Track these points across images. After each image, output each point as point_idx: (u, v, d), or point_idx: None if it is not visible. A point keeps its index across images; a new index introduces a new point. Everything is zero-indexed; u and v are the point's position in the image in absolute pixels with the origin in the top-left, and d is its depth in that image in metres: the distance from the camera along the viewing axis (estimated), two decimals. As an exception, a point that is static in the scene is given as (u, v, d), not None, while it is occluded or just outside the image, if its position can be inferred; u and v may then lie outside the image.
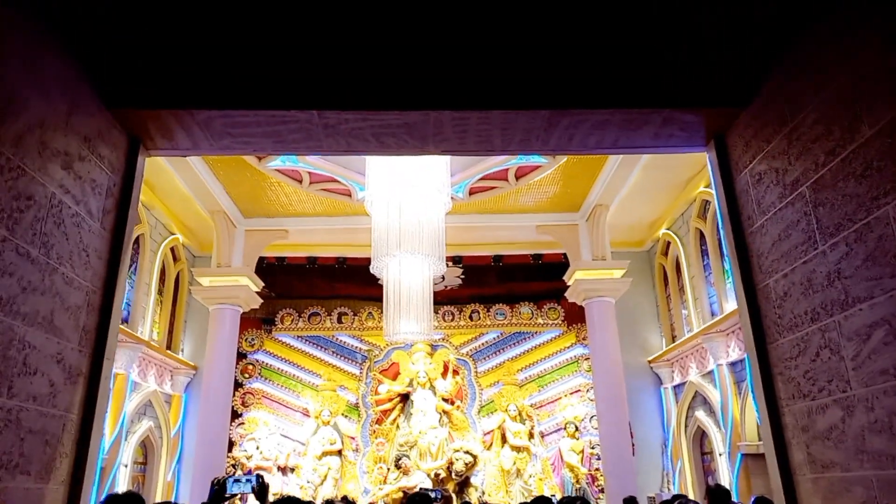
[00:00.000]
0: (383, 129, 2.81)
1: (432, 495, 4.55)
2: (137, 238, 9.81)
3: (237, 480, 3.10)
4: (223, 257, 10.12)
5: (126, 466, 9.08)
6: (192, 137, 2.77)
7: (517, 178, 9.22)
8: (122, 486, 9.01)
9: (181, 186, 9.28)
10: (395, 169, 7.12)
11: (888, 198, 1.98)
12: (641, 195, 10.21)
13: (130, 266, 9.68)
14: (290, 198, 9.85)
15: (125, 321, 9.42)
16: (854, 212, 2.13)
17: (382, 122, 2.75)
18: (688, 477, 10.60)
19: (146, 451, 10.19)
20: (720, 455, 9.46)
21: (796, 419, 2.48)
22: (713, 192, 3.07)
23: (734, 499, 8.54)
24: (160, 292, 10.78)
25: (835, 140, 2.24)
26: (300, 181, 9.10)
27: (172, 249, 11.12)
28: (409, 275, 7.32)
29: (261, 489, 3.12)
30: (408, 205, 7.00)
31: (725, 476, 9.28)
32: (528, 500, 5.88)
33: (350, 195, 9.38)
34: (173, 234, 10.93)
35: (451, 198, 9.43)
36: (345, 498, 7.66)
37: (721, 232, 2.99)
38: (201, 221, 10.58)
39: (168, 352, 10.63)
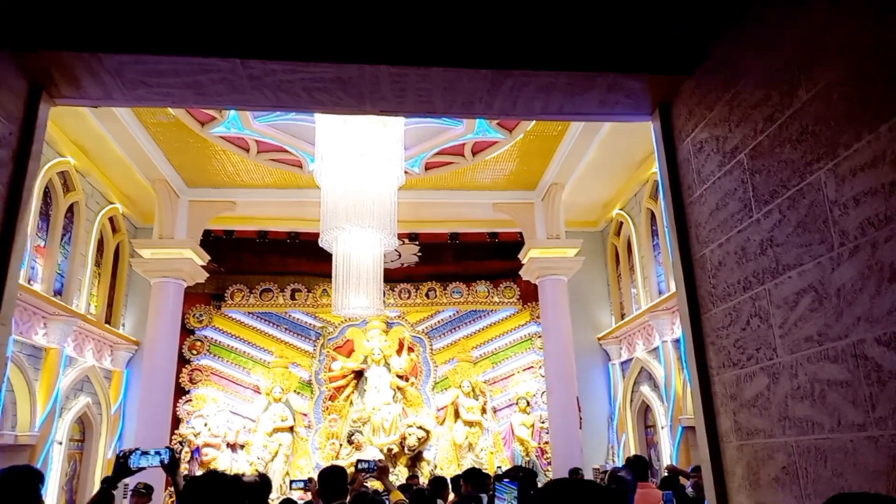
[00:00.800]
0: (315, 83, 2.65)
1: (367, 465, 4.47)
2: (71, 206, 9.33)
3: (145, 453, 2.94)
4: (165, 229, 9.74)
5: (60, 444, 8.74)
6: (103, 86, 2.56)
7: (474, 153, 9.11)
8: (55, 464, 8.69)
9: (118, 152, 8.84)
10: (345, 138, 6.92)
11: (821, 163, 1.95)
12: (596, 175, 10.25)
13: (64, 235, 9.22)
14: (237, 168, 9.53)
15: (58, 293, 8.99)
16: (788, 178, 2.11)
17: (314, 75, 2.59)
18: (632, 449, 10.86)
19: (83, 427, 9.83)
20: (662, 428, 9.70)
21: (725, 388, 2.48)
22: (657, 163, 3.03)
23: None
24: (98, 264, 10.32)
25: (773, 105, 2.20)
26: (247, 150, 8.79)
27: (111, 219, 10.64)
28: (360, 249, 7.15)
29: (171, 463, 2.96)
30: (358, 176, 6.82)
31: (666, 448, 9.53)
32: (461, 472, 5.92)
33: (301, 166, 9.12)
34: (112, 203, 10.45)
35: (406, 172, 9.28)
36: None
37: (662, 203, 2.96)
38: (142, 191, 10.15)
39: (107, 326, 10.22)
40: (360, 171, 6.87)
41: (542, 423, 11.79)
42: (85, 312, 9.48)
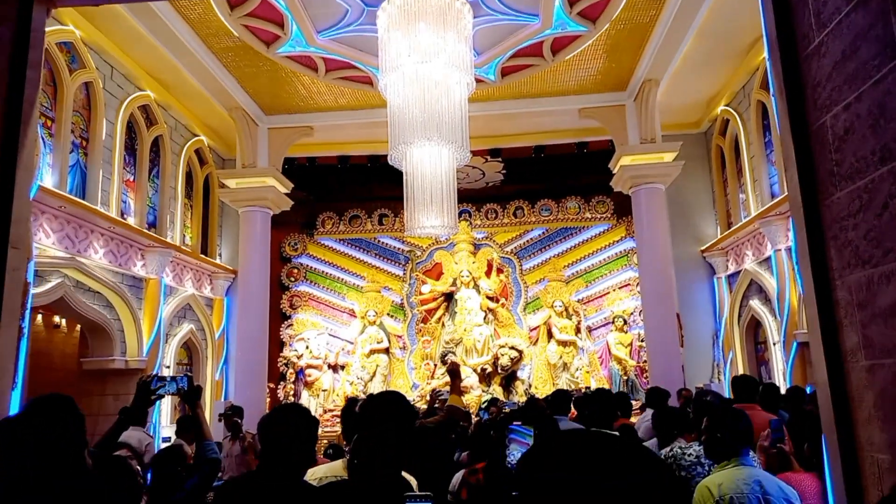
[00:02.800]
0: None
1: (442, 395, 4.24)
2: (156, 140, 9.54)
3: (161, 379, 2.79)
4: (247, 157, 9.79)
5: (168, 367, 9.32)
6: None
7: (554, 52, 8.28)
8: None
9: (194, 83, 8.84)
10: (409, 45, 6.39)
11: None
12: (696, 67, 9.11)
13: (152, 169, 9.48)
14: (309, 90, 9.27)
15: (152, 226, 9.35)
16: (956, -12, 1.44)
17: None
18: (739, 367, 10.15)
19: (190, 352, 10.45)
20: (774, 344, 8.91)
21: (851, 293, 1.91)
22: (760, 9, 2.35)
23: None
24: (188, 196, 10.64)
25: None
26: (316, 70, 8.47)
27: (198, 152, 10.86)
28: (430, 165, 6.74)
29: (189, 392, 2.80)
30: (423, 84, 6.31)
31: (779, 365, 8.76)
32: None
33: (371, 83, 8.70)
34: (196, 135, 10.62)
35: (481, 80, 8.66)
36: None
37: (768, 63, 2.31)
38: (224, 122, 10.20)
39: (203, 256, 10.63)
40: (425, 79, 6.35)
41: (641, 341, 11.27)
42: (180, 244, 9.86)
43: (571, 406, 5.83)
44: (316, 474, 2.23)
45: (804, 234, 2.11)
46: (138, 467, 3.24)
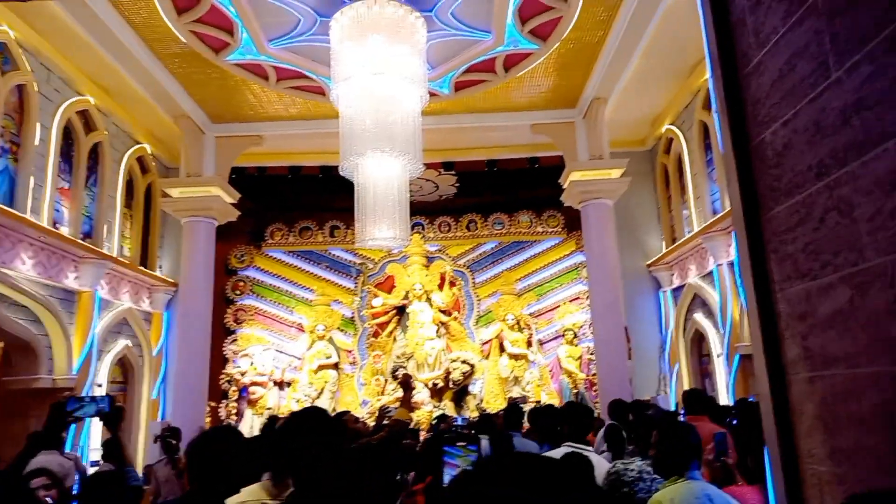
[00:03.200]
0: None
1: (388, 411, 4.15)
2: (95, 147, 9.15)
3: (79, 400, 2.60)
4: (192, 167, 9.50)
5: (101, 386, 8.87)
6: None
7: (506, 69, 8.37)
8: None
9: (137, 89, 8.54)
10: (361, 57, 6.35)
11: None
12: (642, 86, 9.36)
13: (89, 177, 9.08)
14: (259, 99, 9.10)
15: (87, 236, 8.94)
16: (890, 8, 1.49)
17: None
18: (685, 380, 10.38)
19: (125, 370, 9.99)
20: (718, 357, 9.15)
21: (791, 305, 1.94)
22: (703, 30, 2.40)
23: (730, 401, 8.26)
24: (128, 206, 10.23)
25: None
26: (266, 78, 8.32)
27: (140, 160, 10.47)
28: (383, 176, 6.68)
29: (110, 414, 2.63)
30: (376, 96, 6.27)
31: (722, 377, 9.00)
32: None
33: (324, 93, 8.58)
34: (139, 143, 10.25)
35: (435, 94, 8.68)
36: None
37: (710, 82, 2.35)
38: (170, 130, 9.89)
39: (142, 268, 10.21)
40: (378, 91, 6.32)
41: (591, 354, 11.42)
42: (117, 255, 9.45)
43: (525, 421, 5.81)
44: (235, 499, 2.09)
45: (746, 247, 2.14)
46: (49, 497, 2.96)
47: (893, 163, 1.50)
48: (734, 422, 4.62)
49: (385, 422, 4.37)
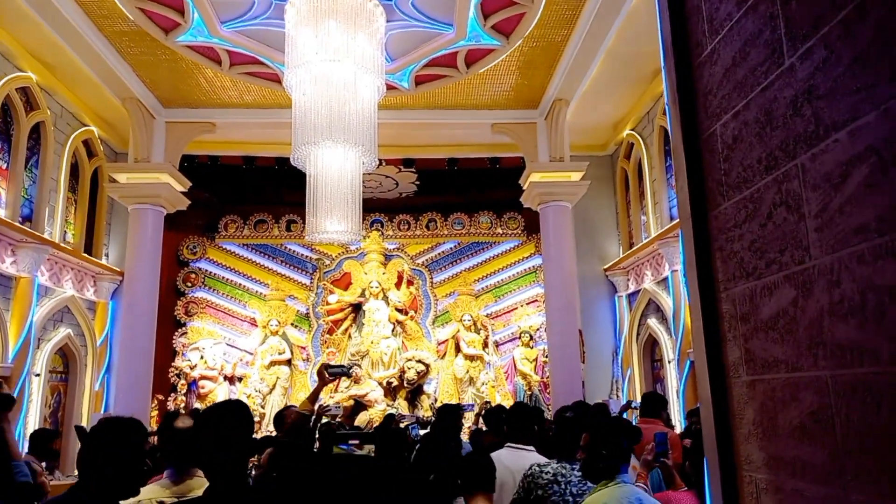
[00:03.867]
0: None
1: (340, 370, 3.98)
2: (37, 127, 8.70)
3: None
4: (141, 152, 9.12)
5: (38, 375, 8.44)
6: None
7: (468, 65, 8.25)
8: (35, 396, 8.43)
9: (83, 68, 8.13)
10: (317, 43, 6.14)
11: (896, -42, 1.25)
12: (605, 90, 9.38)
13: (30, 158, 8.63)
14: (212, 84, 8.78)
15: (27, 220, 8.49)
16: (841, -9, 1.40)
17: None
18: (637, 384, 10.45)
19: (66, 359, 9.54)
20: (669, 362, 9.22)
21: (735, 306, 1.86)
22: (657, 18, 2.31)
23: (680, 406, 8.33)
24: (73, 190, 9.77)
25: None
26: (219, 63, 8.02)
27: (87, 143, 10.01)
28: (336, 167, 6.48)
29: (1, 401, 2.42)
30: (331, 84, 6.07)
31: (673, 383, 9.07)
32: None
33: (279, 81, 8.29)
34: (86, 125, 9.79)
35: (395, 87, 8.51)
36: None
37: (664, 72, 2.26)
38: (119, 113, 9.47)
39: (87, 256, 9.76)
40: (333, 79, 6.12)
41: (546, 357, 11.42)
42: (59, 241, 9.00)
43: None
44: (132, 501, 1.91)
45: (692, 245, 2.05)
46: None
47: (843, 155, 1.41)
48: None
49: (323, 420, 4.20)
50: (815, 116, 1.51)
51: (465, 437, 7.33)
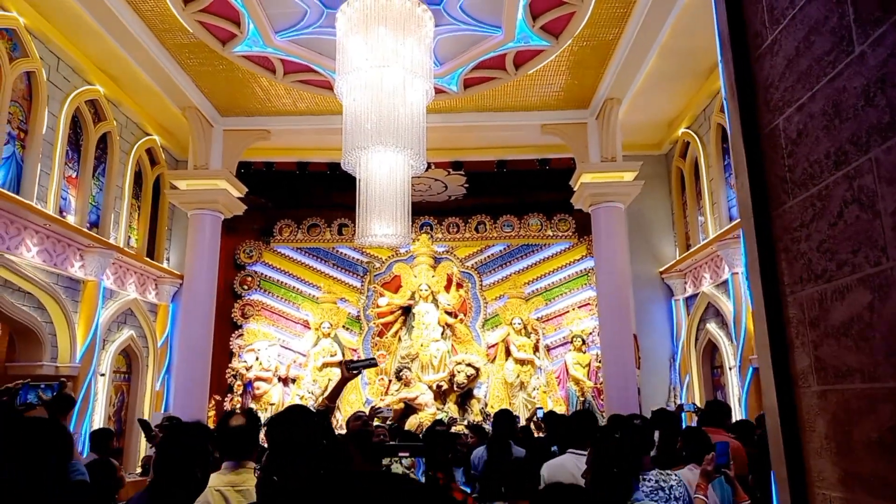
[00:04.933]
0: None
1: (363, 363, 3.84)
2: (104, 136, 9.11)
3: (34, 388, 2.47)
4: (200, 159, 9.42)
5: (103, 375, 8.81)
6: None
7: (517, 66, 8.18)
8: (100, 395, 8.80)
9: (146, 80, 8.48)
10: (367, 49, 6.21)
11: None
12: (658, 87, 9.13)
13: (97, 167, 9.04)
14: (267, 93, 9.00)
15: (94, 225, 8.89)
16: (920, -32, 1.30)
17: None
18: (696, 391, 10.11)
19: (129, 360, 9.93)
20: (730, 369, 8.87)
21: (803, 310, 1.75)
22: (713, 9, 2.22)
23: (742, 415, 8.01)
24: (136, 197, 10.18)
25: None
26: (274, 71, 8.21)
27: (150, 151, 10.42)
28: (385, 171, 6.52)
29: (58, 401, 2.49)
30: (381, 89, 6.12)
31: (735, 390, 8.73)
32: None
33: (331, 88, 8.42)
34: (149, 134, 10.20)
35: (444, 91, 8.53)
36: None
37: (720, 65, 2.16)
38: (179, 122, 9.83)
39: (148, 259, 10.15)
40: (383, 84, 6.17)
41: (599, 362, 11.19)
42: (124, 245, 9.40)
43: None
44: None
45: (754, 246, 1.95)
46: None
47: (923, 147, 1.31)
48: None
49: (376, 422, 4.21)
50: (889, 106, 1.40)
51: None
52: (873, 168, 1.45)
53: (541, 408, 10.67)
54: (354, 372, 3.30)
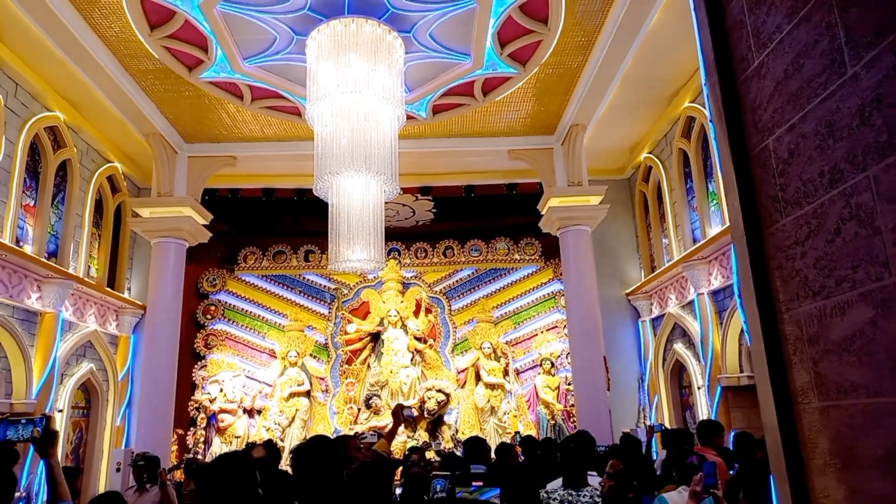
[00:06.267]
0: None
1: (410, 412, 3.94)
2: (63, 164, 8.82)
3: (13, 423, 2.32)
4: (164, 186, 9.21)
5: (61, 411, 8.41)
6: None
7: (484, 93, 8.29)
8: (60, 430, 8.38)
9: (108, 105, 8.27)
10: (338, 75, 6.21)
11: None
12: (621, 114, 9.37)
13: (56, 195, 8.74)
14: (233, 119, 8.89)
15: (53, 255, 8.56)
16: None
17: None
18: (665, 411, 10.20)
19: (88, 394, 9.51)
20: (699, 388, 8.99)
21: (800, 327, 1.77)
22: (696, 36, 2.28)
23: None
24: (97, 225, 9.87)
25: None
26: (241, 98, 8.12)
27: (111, 178, 10.13)
28: (358, 196, 6.48)
29: (45, 437, 2.36)
30: (353, 115, 6.11)
31: (704, 410, 8.84)
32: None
33: (300, 114, 8.41)
34: (110, 161, 9.93)
35: (413, 117, 8.57)
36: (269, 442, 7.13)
37: (706, 88, 2.22)
38: (141, 149, 9.61)
39: (109, 290, 9.80)
40: (355, 110, 6.17)
41: (568, 384, 11.23)
42: (83, 275, 9.07)
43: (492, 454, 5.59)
44: None
45: (748, 265, 1.98)
46: None
47: (921, 164, 1.35)
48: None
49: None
50: (886, 125, 1.44)
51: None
52: (871, 185, 1.48)
53: (518, 432, 10.62)
54: (406, 418, 3.34)
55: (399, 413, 3.83)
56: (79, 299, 9.02)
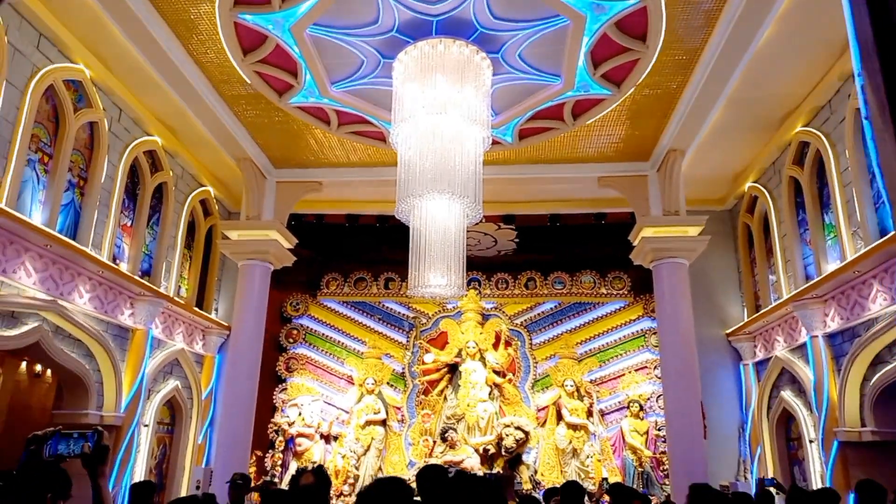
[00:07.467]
0: None
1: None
2: (160, 186, 9.22)
3: (65, 437, 2.14)
4: (252, 209, 9.43)
5: (147, 426, 8.61)
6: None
7: (574, 116, 7.94)
8: (142, 447, 8.58)
9: (203, 131, 8.59)
10: (425, 97, 6.09)
11: None
12: (724, 139, 8.74)
13: (152, 216, 9.12)
14: (320, 144, 9.00)
15: (146, 274, 8.89)
16: None
17: None
18: (769, 465, 9.21)
19: (173, 411, 9.74)
20: (811, 442, 8.05)
21: None
22: (846, 13, 1.87)
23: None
24: (189, 247, 10.24)
25: None
26: (328, 122, 8.20)
27: (203, 202, 10.53)
28: (440, 220, 6.28)
29: (96, 452, 2.15)
30: (437, 137, 5.95)
31: (817, 466, 7.88)
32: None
33: (384, 139, 8.39)
34: (203, 185, 10.33)
35: (498, 142, 8.35)
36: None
37: (859, 82, 1.81)
38: (233, 173, 9.93)
39: (197, 310, 10.09)
40: (439, 132, 6.00)
41: (658, 430, 10.44)
42: (174, 295, 9.37)
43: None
44: None
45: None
46: None
47: None
48: None
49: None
50: None
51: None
52: None
53: (606, 478, 9.93)
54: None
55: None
56: (168, 318, 9.31)
